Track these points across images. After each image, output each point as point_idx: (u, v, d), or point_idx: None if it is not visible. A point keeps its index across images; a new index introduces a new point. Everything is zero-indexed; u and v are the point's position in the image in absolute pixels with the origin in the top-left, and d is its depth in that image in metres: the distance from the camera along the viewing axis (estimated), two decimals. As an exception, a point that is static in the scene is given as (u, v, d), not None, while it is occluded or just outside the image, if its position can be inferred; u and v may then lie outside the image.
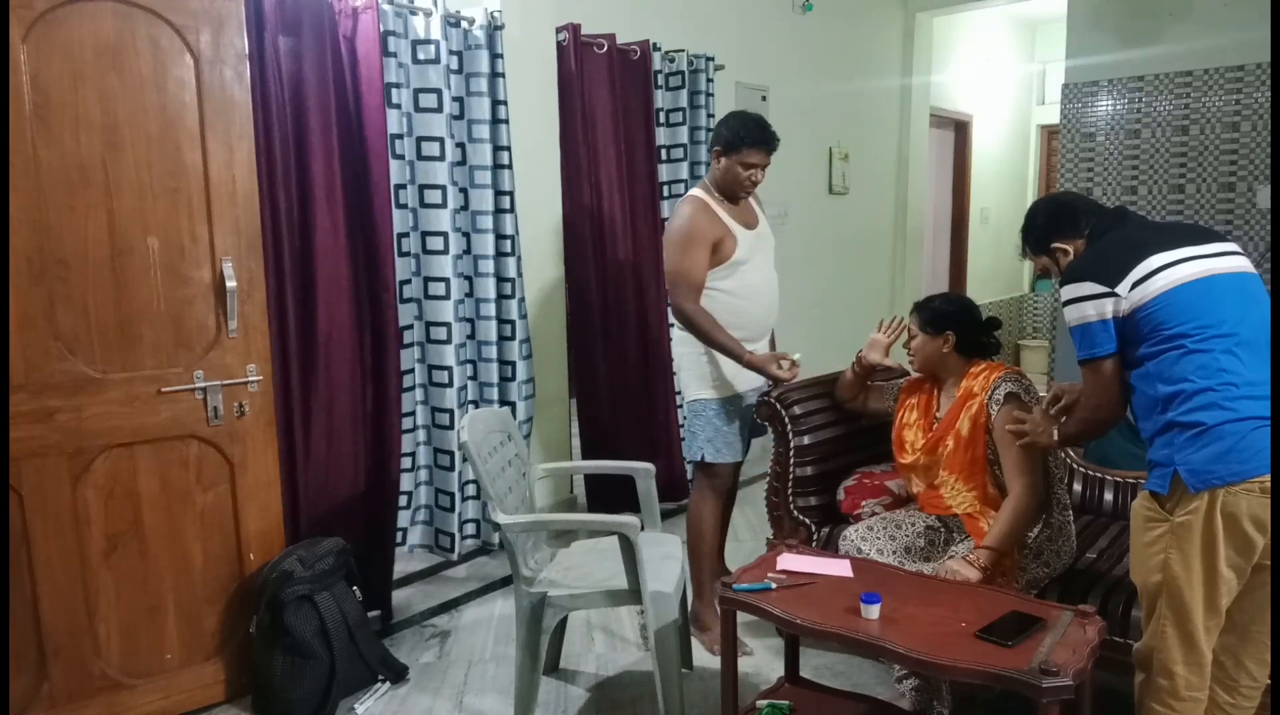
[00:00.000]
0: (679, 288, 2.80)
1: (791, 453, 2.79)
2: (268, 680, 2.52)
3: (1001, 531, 2.25)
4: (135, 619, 2.42)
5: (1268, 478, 1.72)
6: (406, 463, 3.32)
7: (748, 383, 2.90)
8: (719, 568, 3.00)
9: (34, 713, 2.28)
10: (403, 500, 3.35)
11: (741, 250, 2.82)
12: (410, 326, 3.25)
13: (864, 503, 2.73)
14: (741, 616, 2.14)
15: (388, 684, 2.69)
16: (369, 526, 3.03)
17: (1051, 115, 6.64)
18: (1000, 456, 2.37)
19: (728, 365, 2.87)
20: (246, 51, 2.45)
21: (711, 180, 2.87)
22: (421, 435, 3.40)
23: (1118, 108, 5.25)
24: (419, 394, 3.37)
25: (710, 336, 2.78)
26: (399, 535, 3.37)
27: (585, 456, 4.05)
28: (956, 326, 2.50)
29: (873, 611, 1.94)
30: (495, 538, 3.52)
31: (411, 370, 3.28)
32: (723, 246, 2.79)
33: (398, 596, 3.26)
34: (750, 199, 2.98)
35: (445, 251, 3.23)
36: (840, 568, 2.21)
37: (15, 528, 2.20)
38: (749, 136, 2.77)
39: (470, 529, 3.53)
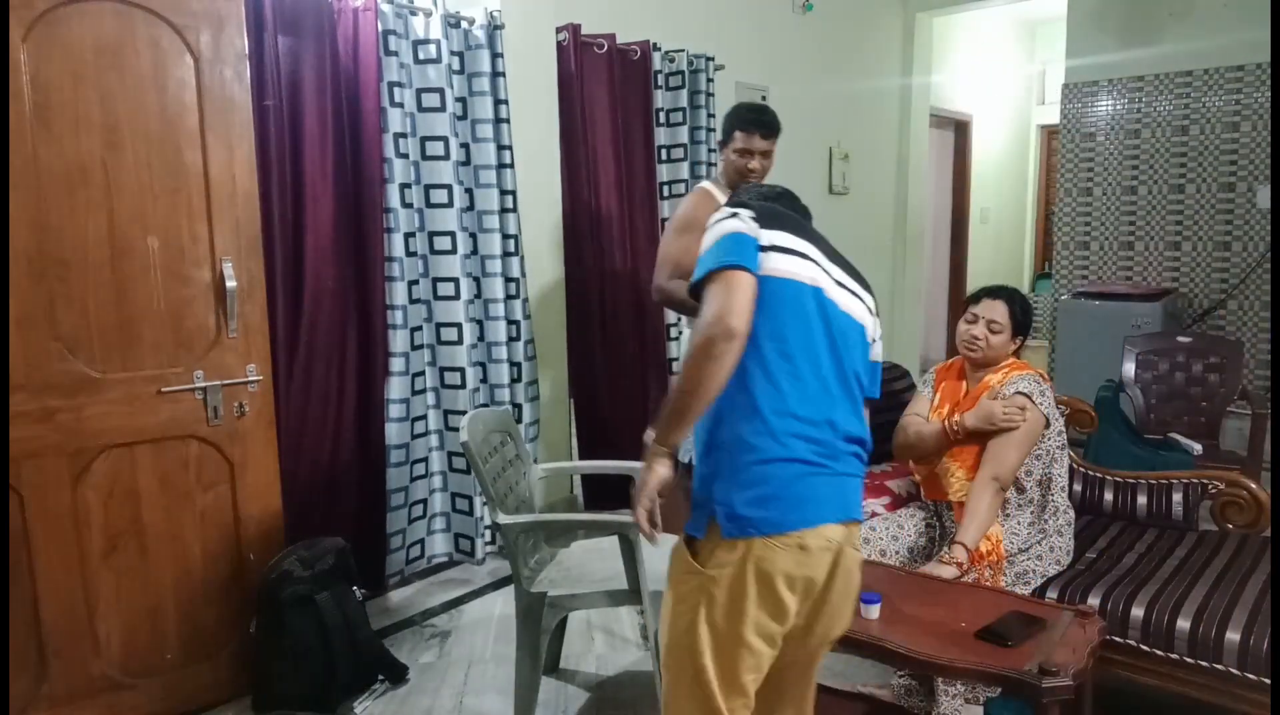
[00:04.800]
0: (660, 268, 2.79)
1: (791, 453, 2.78)
2: (268, 680, 2.52)
3: (966, 527, 2.26)
4: (135, 619, 2.42)
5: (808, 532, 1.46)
6: (420, 470, 3.29)
7: None
8: None
9: (34, 713, 2.27)
10: (419, 510, 3.31)
11: None
12: (420, 328, 3.24)
13: (864, 503, 2.73)
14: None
15: (388, 684, 2.69)
16: (360, 522, 3.06)
17: (1051, 115, 6.64)
18: (988, 443, 2.36)
19: None
20: (246, 51, 2.45)
21: (721, 173, 2.90)
22: (434, 440, 3.35)
23: (1118, 108, 5.25)
24: (430, 398, 3.32)
25: (689, 304, 2.73)
26: (418, 547, 3.34)
27: (582, 456, 4.05)
28: (1028, 331, 2.50)
29: (872, 611, 1.94)
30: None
31: (422, 372, 3.27)
32: None
33: (399, 596, 3.27)
34: None
35: (453, 251, 3.22)
36: (840, 568, 2.21)
37: (15, 528, 2.20)
38: (736, 120, 2.78)
39: (490, 535, 3.43)
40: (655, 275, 2.83)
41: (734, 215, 1.54)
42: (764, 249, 1.49)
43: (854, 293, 1.61)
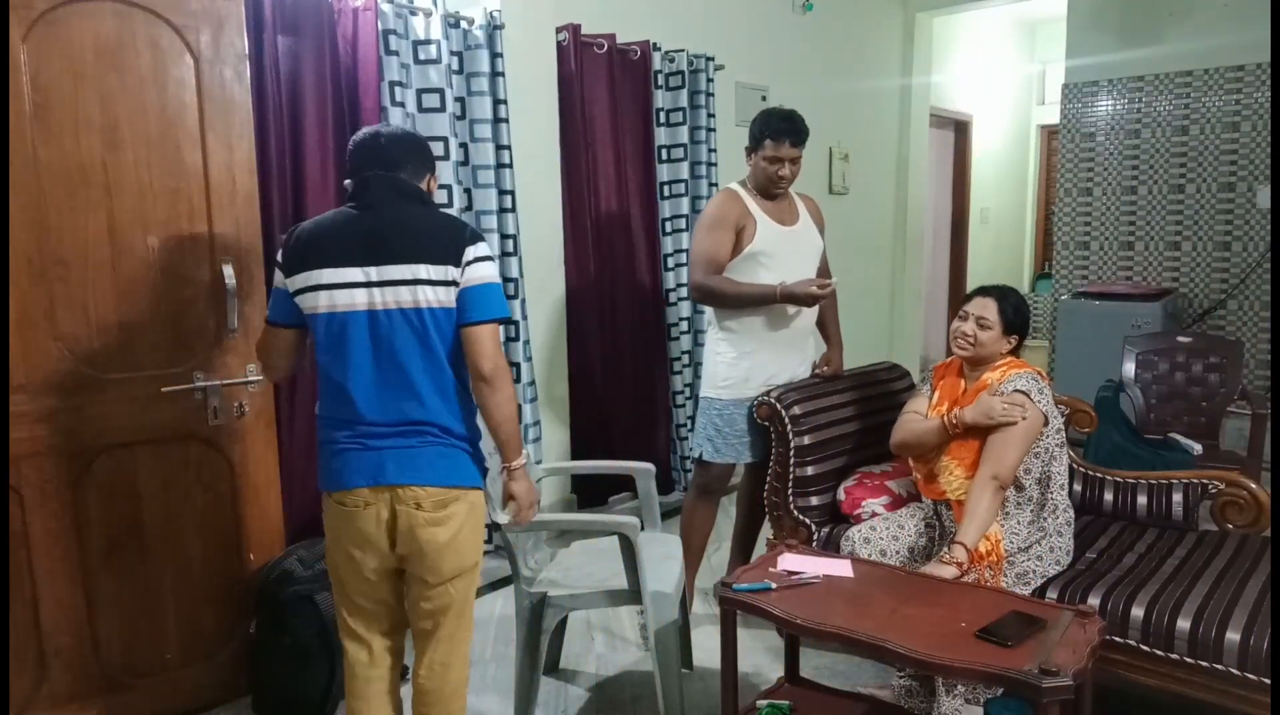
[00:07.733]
0: (695, 266, 2.82)
1: (791, 453, 2.79)
2: (268, 680, 2.52)
3: (966, 527, 2.26)
4: (135, 619, 2.42)
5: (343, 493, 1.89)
6: None
7: (759, 386, 2.89)
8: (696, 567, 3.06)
9: (34, 713, 2.28)
10: None
11: (761, 241, 2.81)
12: None
13: (864, 502, 2.73)
14: (741, 616, 2.14)
15: (388, 684, 2.69)
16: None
17: (1051, 115, 6.64)
18: (986, 441, 2.36)
19: (739, 367, 2.87)
20: (246, 51, 2.45)
21: (749, 178, 2.91)
22: None
23: (1118, 108, 5.26)
24: None
25: (733, 295, 2.79)
26: None
27: (575, 454, 4.04)
28: (1023, 331, 2.49)
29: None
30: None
31: None
32: (744, 233, 2.81)
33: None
34: (798, 199, 2.99)
35: None
36: (841, 568, 2.21)
37: (15, 528, 2.20)
38: (768, 128, 2.80)
39: (489, 535, 3.42)
40: (691, 273, 2.86)
41: (277, 264, 1.93)
42: (294, 294, 1.88)
43: (396, 281, 1.84)
